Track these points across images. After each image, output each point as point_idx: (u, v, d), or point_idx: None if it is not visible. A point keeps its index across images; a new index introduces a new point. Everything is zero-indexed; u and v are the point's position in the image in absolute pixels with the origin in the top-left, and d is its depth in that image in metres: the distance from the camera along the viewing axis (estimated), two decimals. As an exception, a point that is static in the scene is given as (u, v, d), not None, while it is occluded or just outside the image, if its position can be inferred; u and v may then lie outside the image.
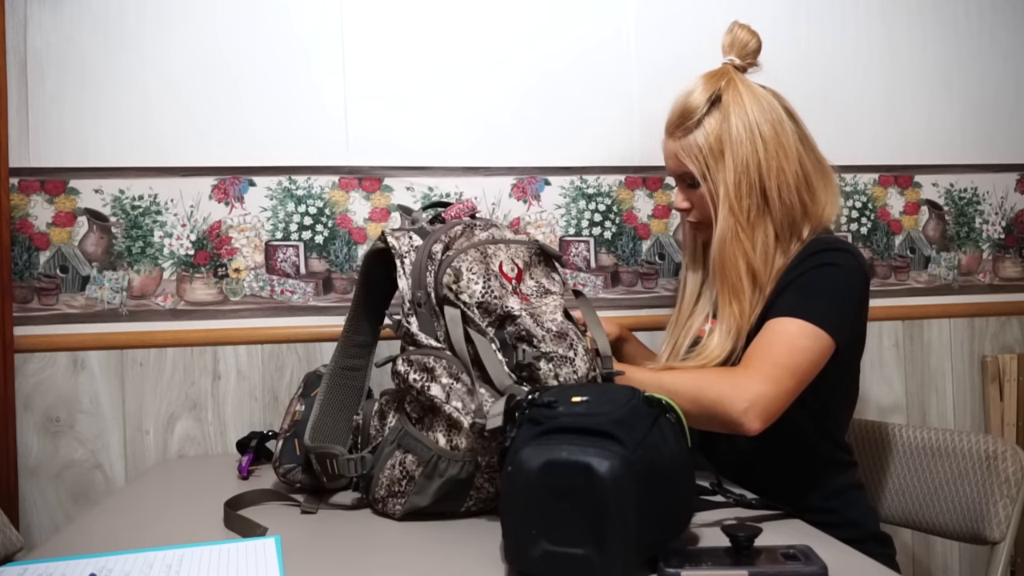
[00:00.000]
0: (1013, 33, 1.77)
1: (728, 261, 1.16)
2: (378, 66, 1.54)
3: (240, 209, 1.49)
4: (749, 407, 0.99)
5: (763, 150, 1.15)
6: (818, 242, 1.16)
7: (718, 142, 1.16)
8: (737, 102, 1.16)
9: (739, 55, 1.23)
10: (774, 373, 1.03)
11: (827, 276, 1.11)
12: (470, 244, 1.03)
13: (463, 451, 0.94)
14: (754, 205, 1.15)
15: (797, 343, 1.06)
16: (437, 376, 0.96)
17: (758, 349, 1.07)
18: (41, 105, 1.43)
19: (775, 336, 1.07)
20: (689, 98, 1.19)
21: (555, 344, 0.98)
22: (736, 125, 1.15)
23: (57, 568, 0.79)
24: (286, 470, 1.09)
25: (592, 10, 1.60)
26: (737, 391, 1.01)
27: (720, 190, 1.16)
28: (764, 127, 1.15)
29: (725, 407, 1.00)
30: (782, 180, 1.15)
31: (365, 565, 0.83)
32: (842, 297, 1.12)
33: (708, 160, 1.17)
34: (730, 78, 1.19)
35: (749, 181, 1.14)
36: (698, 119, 1.17)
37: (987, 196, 1.76)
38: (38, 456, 1.42)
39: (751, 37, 1.24)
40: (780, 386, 1.02)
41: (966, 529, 1.22)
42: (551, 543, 0.70)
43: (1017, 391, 1.73)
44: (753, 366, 1.04)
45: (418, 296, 1.00)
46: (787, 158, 1.16)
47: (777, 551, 0.74)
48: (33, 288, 1.43)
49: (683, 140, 1.19)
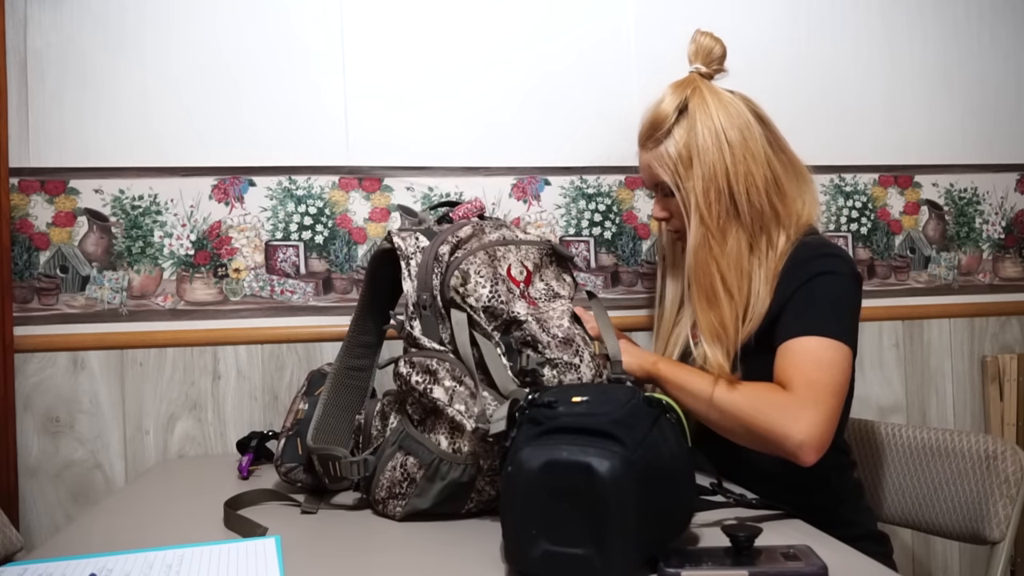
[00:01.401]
0: (1013, 33, 1.77)
1: (701, 269, 1.17)
2: (378, 66, 1.54)
3: (240, 209, 1.49)
4: (805, 441, 1.01)
5: (729, 156, 1.15)
6: (807, 247, 1.16)
7: (687, 150, 1.17)
8: (703, 110, 1.17)
9: (704, 62, 1.24)
10: (818, 395, 1.04)
11: (827, 286, 1.12)
12: (480, 246, 1.03)
13: (465, 454, 0.94)
14: (723, 211, 1.15)
15: (824, 359, 1.07)
16: (440, 379, 0.96)
17: (790, 372, 1.07)
18: (41, 105, 1.43)
19: (800, 357, 1.08)
20: (658, 109, 1.20)
21: (560, 350, 0.98)
22: (702, 132, 1.16)
23: (57, 568, 0.79)
24: (287, 469, 1.09)
25: (592, 10, 1.60)
26: (790, 423, 1.02)
27: (691, 199, 1.17)
28: (730, 132, 1.16)
29: (780, 441, 1.03)
30: (751, 183, 1.15)
31: (365, 565, 0.83)
32: (845, 304, 1.13)
33: (679, 169, 1.18)
34: (696, 86, 1.20)
35: (717, 187, 1.15)
36: (667, 129, 1.19)
37: (987, 196, 1.76)
38: (38, 456, 1.42)
39: (715, 43, 1.25)
40: (828, 409, 1.04)
41: (966, 529, 1.22)
42: (551, 543, 0.70)
43: (1017, 391, 1.73)
44: (797, 392, 1.04)
45: (423, 298, 1.00)
46: (755, 161, 1.16)
47: (777, 551, 0.74)
48: (33, 288, 1.43)
49: (655, 151, 1.21)
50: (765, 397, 1.06)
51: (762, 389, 1.08)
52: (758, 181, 1.16)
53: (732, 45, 1.62)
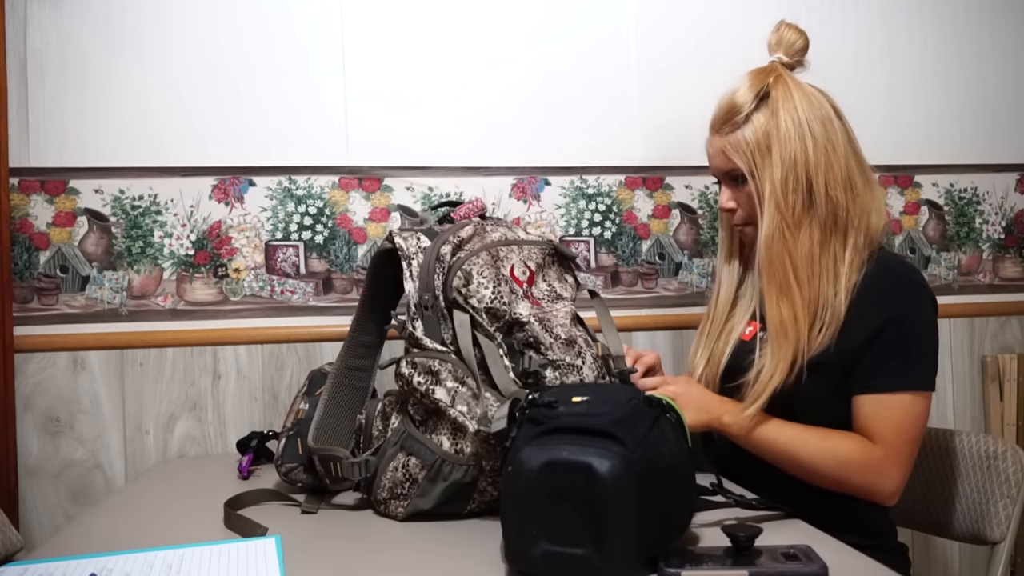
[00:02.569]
0: (1013, 33, 1.77)
1: (776, 259, 1.13)
2: (378, 66, 1.54)
3: (240, 209, 1.49)
4: (893, 493, 1.08)
5: (812, 146, 1.13)
6: (890, 270, 1.13)
7: (766, 137, 1.14)
8: (787, 98, 1.14)
9: (786, 53, 1.21)
10: (907, 451, 1.08)
11: (919, 327, 1.10)
12: (482, 246, 1.02)
13: (467, 455, 0.94)
14: (800, 202, 1.12)
15: (914, 413, 1.08)
16: (442, 379, 0.95)
17: (884, 428, 1.07)
18: (41, 105, 1.43)
19: (894, 412, 1.08)
20: (736, 94, 1.17)
21: (563, 352, 0.98)
22: (785, 120, 1.13)
23: (57, 568, 0.79)
24: (288, 469, 1.09)
25: (592, 10, 1.60)
26: (883, 481, 1.07)
27: (767, 187, 1.13)
28: (814, 124, 1.13)
29: (871, 496, 1.08)
30: (830, 176, 1.13)
31: (365, 565, 0.83)
32: (933, 347, 1.12)
33: (755, 156, 1.14)
34: (779, 74, 1.17)
35: (796, 177, 1.12)
36: (746, 115, 1.15)
37: (987, 196, 1.76)
38: (38, 456, 1.42)
39: (798, 36, 1.22)
40: (913, 458, 1.09)
41: (966, 529, 1.22)
42: (551, 543, 0.70)
43: (1017, 391, 1.72)
44: (889, 451, 1.07)
45: (425, 299, 0.99)
46: (835, 155, 1.14)
47: (777, 551, 0.74)
48: (33, 288, 1.43)
49: (730, 136, 1.17)
50: (855, 455, 1.07)
51: (850, 445, 1.08)
52: (837, 174, 1.13)
53: (732, 45, 1.64)
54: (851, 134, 1.19)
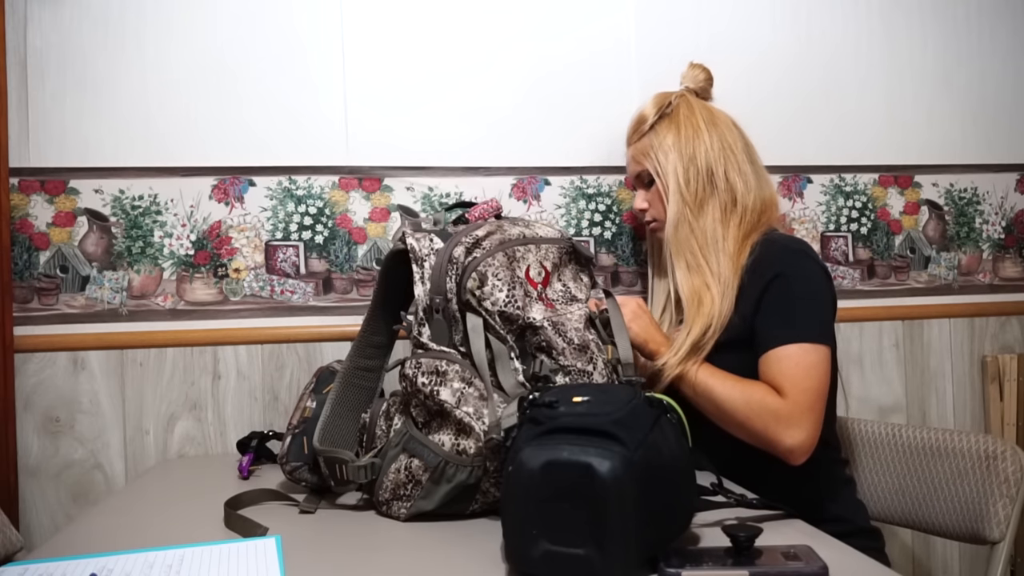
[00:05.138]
0: (1013, 33, 1.77)
1: (683, 242, 1.25)
2: (378, 66, 1.54)
3: (240, 209, 1.49)
4: (795, 446, 1.11)
5: (708, 139, 1.28)
6: (772, 243, 1.22)
7: (668, 140, 1.30)
8: (688, 110, 1.31)
9: (692, 83, 1.40)
10: (805, 402, 1.12)
11: (798, 287, 1.18)
12: (499, 245, 1.01)
13: (471, 456, 0.93)
14: (701, 188, 1.26)
15: (806, 364, 1.13)
16: (449, 380, 0.95)
17: (779, 380, 1.13)
18: (41, 105, 1.43)
19: (785, 364, 1.14)
20: (643, 110, 1.36)
21: (575, 358, 0.98)
22: (685, 126, 1.29)
23: (57, 568, 0.79)
24: (293, 468, 1.08)
25: (592, 10, 1.60)
26: (783, 429, 1.11)
27: (670, 182, 1.28)
28: (712, 128, 1.29)
29: (772, 443, 1.11)
30: (729, 165, 1.27)
31: (366, 565, 0.83)
32: (818, 303, 1.18)
33: (658, 156, 1.30)
34: (682, 95, 1.35)
35: (696, 169, 1.26)
36: (651, 124, 1.33)
37: (987, 196, 1.76)
38: (38, 456, 1.42)
39: (702, 71, 1.41)
40: (815, 413, 1.12)
41: (966, 529, 1.22)
42: (551, 543, 0.70)
43: (1017, 391, 1.73)
44: (788, 399, 1.12)
45: (436, 302, 0.99)
46: (733, 152, 1.28)
47: (777, 551, 0.74)
48: (33, 288, 1.43)
49: (638, 143, 1.35)
50: (761, 401, 1.12)
51: (761, 392, 1.13)
52: (736, 166, 1.27)
53: (732, 45, 1.64)
54: (748, 141, 1.33)
